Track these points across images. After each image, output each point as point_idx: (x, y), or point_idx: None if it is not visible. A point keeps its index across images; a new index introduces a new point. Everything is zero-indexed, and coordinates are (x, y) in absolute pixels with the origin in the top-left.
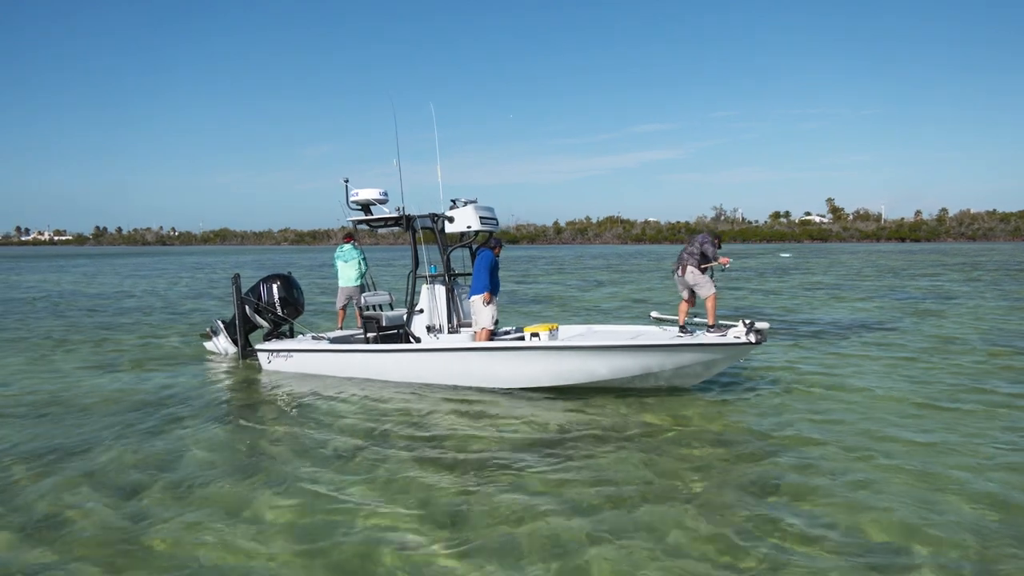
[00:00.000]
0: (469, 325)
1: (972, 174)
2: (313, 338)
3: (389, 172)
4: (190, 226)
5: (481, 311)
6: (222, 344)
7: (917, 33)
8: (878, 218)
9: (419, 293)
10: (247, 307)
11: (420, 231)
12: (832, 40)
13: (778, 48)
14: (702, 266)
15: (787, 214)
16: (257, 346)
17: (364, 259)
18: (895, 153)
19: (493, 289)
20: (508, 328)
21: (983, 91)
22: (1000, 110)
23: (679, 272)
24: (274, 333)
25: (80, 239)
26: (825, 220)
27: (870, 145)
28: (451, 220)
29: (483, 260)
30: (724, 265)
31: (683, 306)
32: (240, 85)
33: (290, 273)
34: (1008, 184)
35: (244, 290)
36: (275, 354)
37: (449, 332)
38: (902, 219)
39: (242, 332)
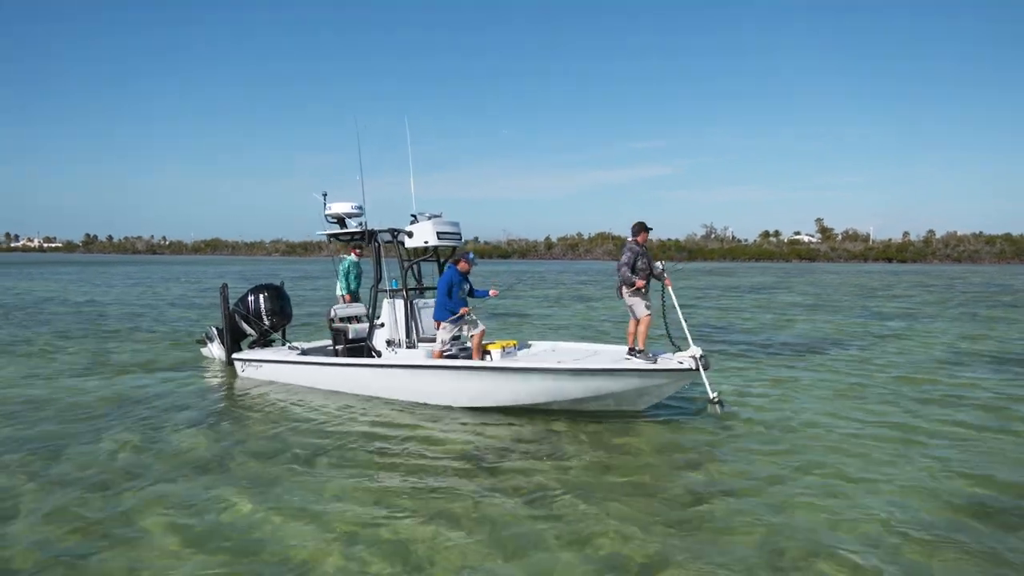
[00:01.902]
0: (431, 340)
1: (960, 196)
2: (289, 348)
3: (383, 184)
4: (181, 235)
5: (438, 333)
6: (215, 351)
7: (915, 52)
8: (866, 239)
9: (382, 307)
10: (237, 316)
11: (383, 245)
12: (831, 60)
13: (776, 67)
14: (637, 284)
15: (776, 233)
16: (233, 355)
17: (357, 273)
18: (889, 173)
19: (454, 306)
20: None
21: (975, 114)
22: (990, 132)
23: (618, 294)
24: (259, 342)
25: (70, 246)
26: (814, 240)
27: (864, 166)
28: (410, 235)
29: (442, 280)
30: (665, 283)
31: (632, 326)
32: (237, 92)
33: (282, 284)
34: (994, 207)
35: (235, 300)
36: (248, 363)
37: (407, 347)
38: (889, 240)
39: (228, 340)
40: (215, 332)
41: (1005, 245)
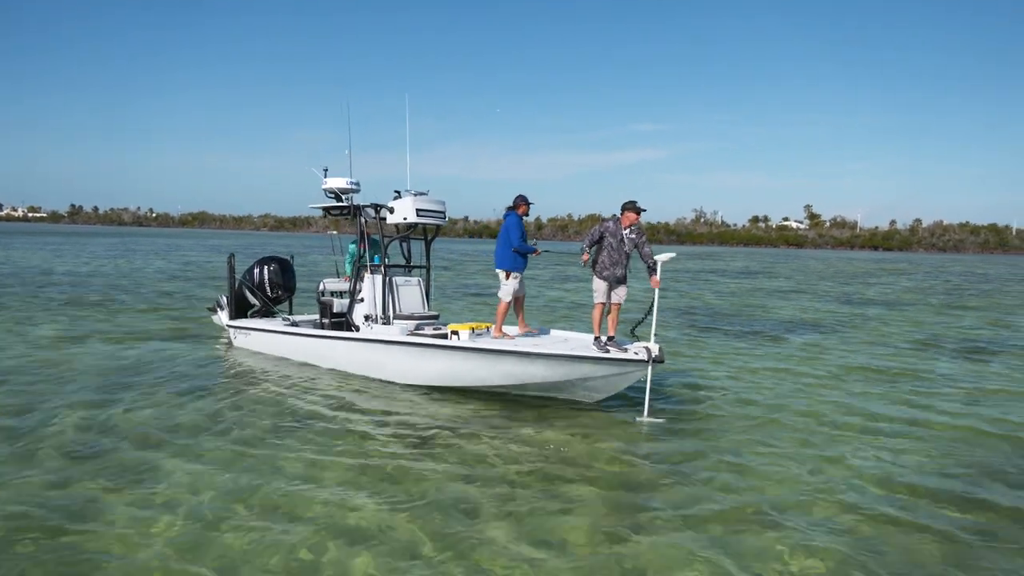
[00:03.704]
0: (407, 317)
1: (950, 186)
2: (282, 319)
3: (382, 160)
4: (168, 207)
5: (507, 283)
6: (224, 319)
7: (916, 42)
8: (854, 226)
9: (363, 281)
10: (244, 286)
11: (367, 221)
12: (831, 48)
13: (775, 54)
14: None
15: (766, 219)
16: (227, 323)
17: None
18: (883, 161)
19: (527, 248)
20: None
21: (967, 107)
22: (981, 125)
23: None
24: (260, 312)
25: (55, 216)
26: (802, 226)
27: (860, 153)
28: (391, 211)
29: (510, 226)
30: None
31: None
32: (231, 66)
33: (292, 258)
34: (982, 198)
35: (242, 271)
36: (239, 331)
37: (382, 323)
38: (876, 228)
39: (232, 308)
40: (224, 300)
41: (989, 235)
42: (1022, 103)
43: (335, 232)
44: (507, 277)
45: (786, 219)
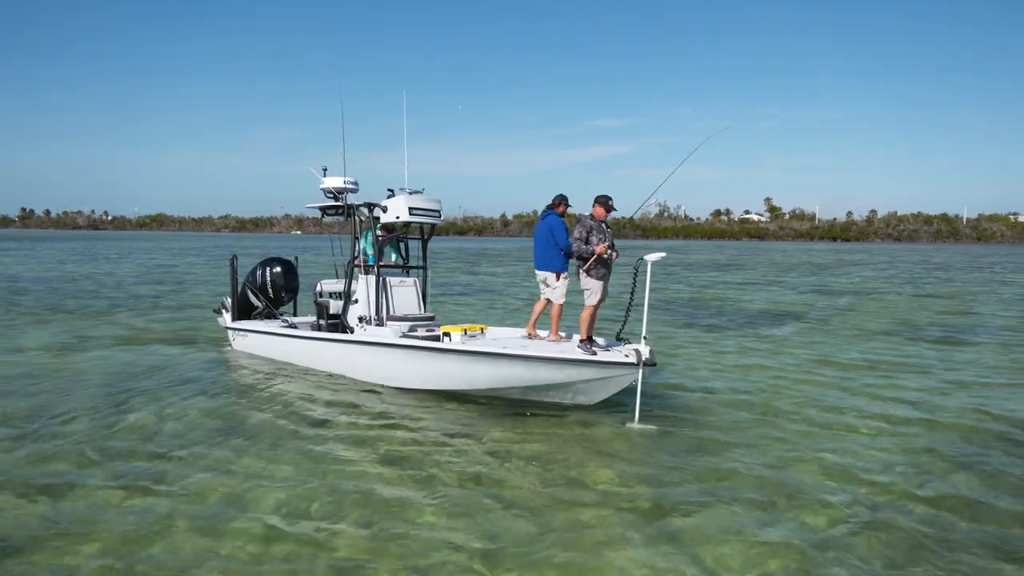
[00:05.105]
0: (401, 319)
1: (902, 177)
2: (281, 321)
3: (356, 159)
4: (124, 210)
5: (555, 287)
6: (227, 320)
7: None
8: (812, 218)
9: (357, 282)
10: (247, 288)
11: (360, 220)
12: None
13: (733, 47)
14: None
15: (728, 212)
16: (227, 325)
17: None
18: (841, 152)
19: (563, 261)
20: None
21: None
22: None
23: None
24: (262, 313)
25: (5, 221)
26: (763, 219)
27: (813, 146)
28: (384, 210)
29: (550, 227)
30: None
31: (585, 312)
32: (190, 65)
33: (295, 259)
34: (934, 188)
35: (246, 272)
36: (238, 333)
37: (375, 324)
38: (834, 219)
39: (234, 310)
40: (229, 302)
41: (942, 225)
42: (968, 96)
43: (299, 232)
44: (558, 278)
45: (747, 212)
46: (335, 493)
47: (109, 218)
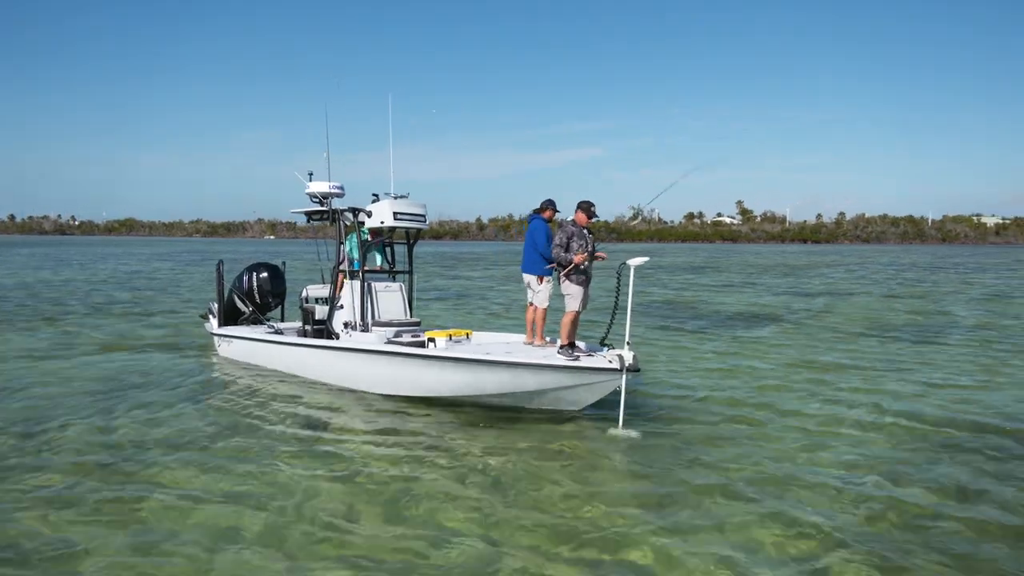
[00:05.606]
0: (386, 324)
1: (869, 179)
2: (267, 327)
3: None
4: (92, 215)
5: (538, 291)
6: (214, 326)
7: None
8: (783, 220)
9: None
10: (233, 294)
11: (345, 225)
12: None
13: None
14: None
15: (700, 215)
16: (213, 331)
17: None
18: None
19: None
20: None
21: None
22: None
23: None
24: (248, 319)
25: None
26: (735, 221)
27: (784, 149)
28: (369, 215)
29: (538, 232)
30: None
31: (566, 318)
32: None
33: (283, 264)
34: (898, 190)
35: (232, 278)
36: (223, 339)
37: (361, 330)
38: (805, 222)
39: (220, 316)
40: (215, 308)
41: (908, 226)
42: (935, 99)
43: (272, 237)
44: (540, 282)
45: (720, 215)
46: (320, 501)
47: (76, 223)
